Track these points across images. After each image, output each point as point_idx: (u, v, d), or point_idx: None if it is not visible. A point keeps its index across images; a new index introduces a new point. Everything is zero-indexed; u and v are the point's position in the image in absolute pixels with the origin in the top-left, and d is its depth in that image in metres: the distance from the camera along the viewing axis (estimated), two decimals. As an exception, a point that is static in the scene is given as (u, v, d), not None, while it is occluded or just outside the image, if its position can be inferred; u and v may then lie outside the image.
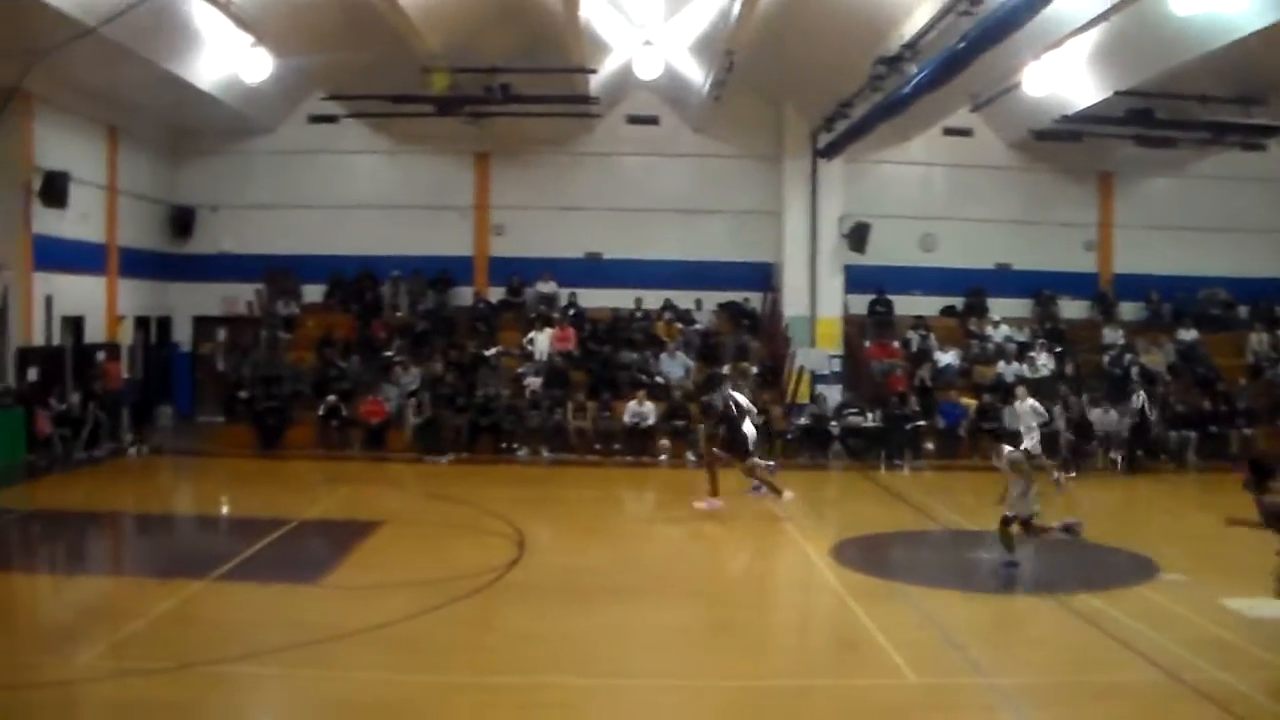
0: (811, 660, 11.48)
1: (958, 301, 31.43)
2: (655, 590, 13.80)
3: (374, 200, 31.12)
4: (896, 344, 29.40)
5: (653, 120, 31.33)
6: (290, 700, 9.81)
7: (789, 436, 25.61)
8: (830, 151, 28.37)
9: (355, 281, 31.02)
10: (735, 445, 19.07)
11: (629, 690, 10.17)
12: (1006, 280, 31.50)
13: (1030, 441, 20.49)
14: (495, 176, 31.67)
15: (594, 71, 25.60)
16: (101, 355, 26.91)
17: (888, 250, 30.01)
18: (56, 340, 25.49)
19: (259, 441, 25.85)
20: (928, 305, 31.08)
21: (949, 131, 30.64)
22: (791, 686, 10.18)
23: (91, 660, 10.32)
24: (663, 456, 24.80)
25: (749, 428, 19.06)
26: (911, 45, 20.43)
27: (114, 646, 10.79)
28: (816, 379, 28.22)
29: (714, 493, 18.99)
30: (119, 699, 9.49)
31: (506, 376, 27.43)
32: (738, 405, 19.24)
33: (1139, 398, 25.21)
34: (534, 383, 26.85)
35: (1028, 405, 21.26)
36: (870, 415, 26.16)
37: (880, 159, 30.67)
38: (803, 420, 26.06)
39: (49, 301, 24.99)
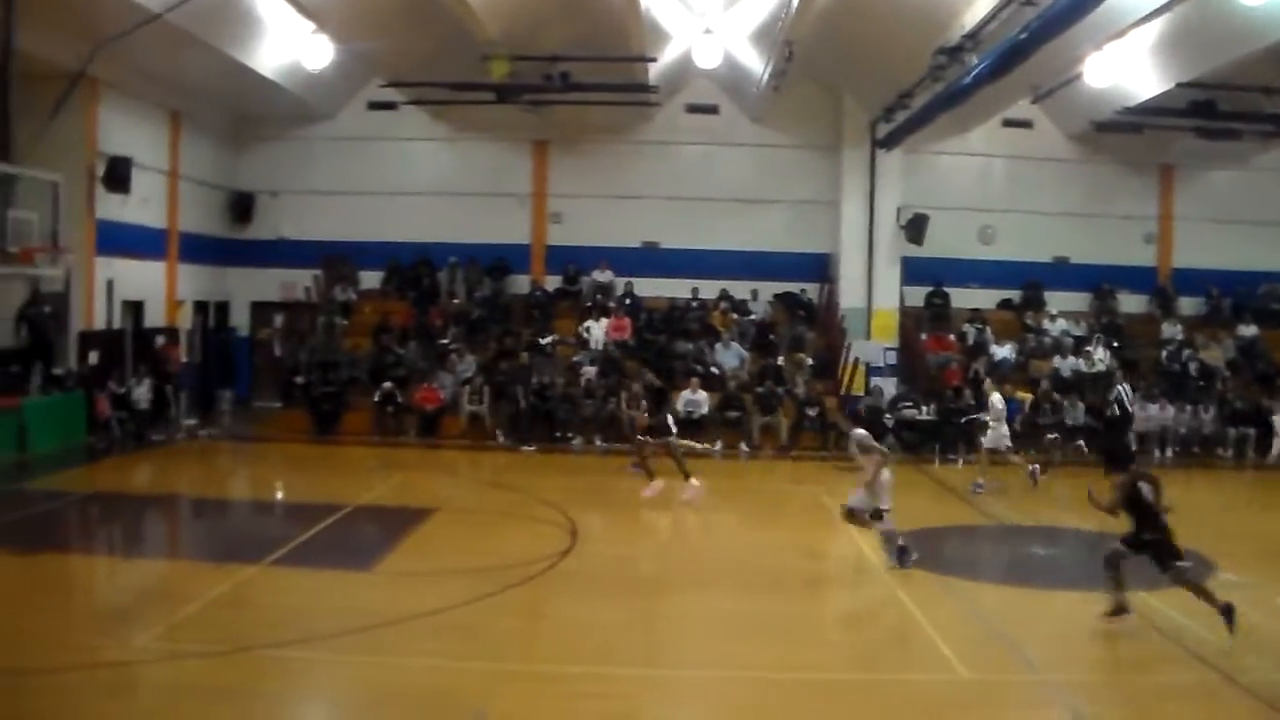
0: (863, 654, 11.40)
1: (1015, 295, 31.09)
2: (707, 581, 13.77)
3: (432, 187, 31.20)
4: (952, 337, 29.15)
5: (712, 109, 31.23)
6: (342, 685, 9.87)
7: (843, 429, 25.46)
8: (889, 142, 28.15)
9: (412, 268, 31.13)
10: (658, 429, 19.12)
11: (680, 681, 10.16)
12: (1065, 274, 31.12)
13: (996, 435, 20.49)
14: (553, 164, 31.69)
15: (653, 60, 25.53)
16: (161, 339, 27.18)
17: (945, 242, 29.79)
18: (117, 324, 25.79)
19: (315, 427, 26.00)
20: (985, 298, 30.74)
21: (1009, 123, 30.31)
22: (842, 680, 10.13)
23: (148, 642, 10.42)
24: (716, 446, 24.69)
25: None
26: (972, 35, 20.20)
27: (170, 629, 10.88)
28: (871, 371, 28.02)
29: (651, 476, 18.94)
30: (174, 681, 9.57)
31: (561, 365, 27.45)
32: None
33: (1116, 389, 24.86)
34: (589, 372, 26.85)
35: (995, 398, 21.08)
36: (925, 408, 25.95)
37: (939, 150, 30.37)
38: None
39: (110, 285, 25.29)
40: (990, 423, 20.76)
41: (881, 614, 12.77)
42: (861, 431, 14.73)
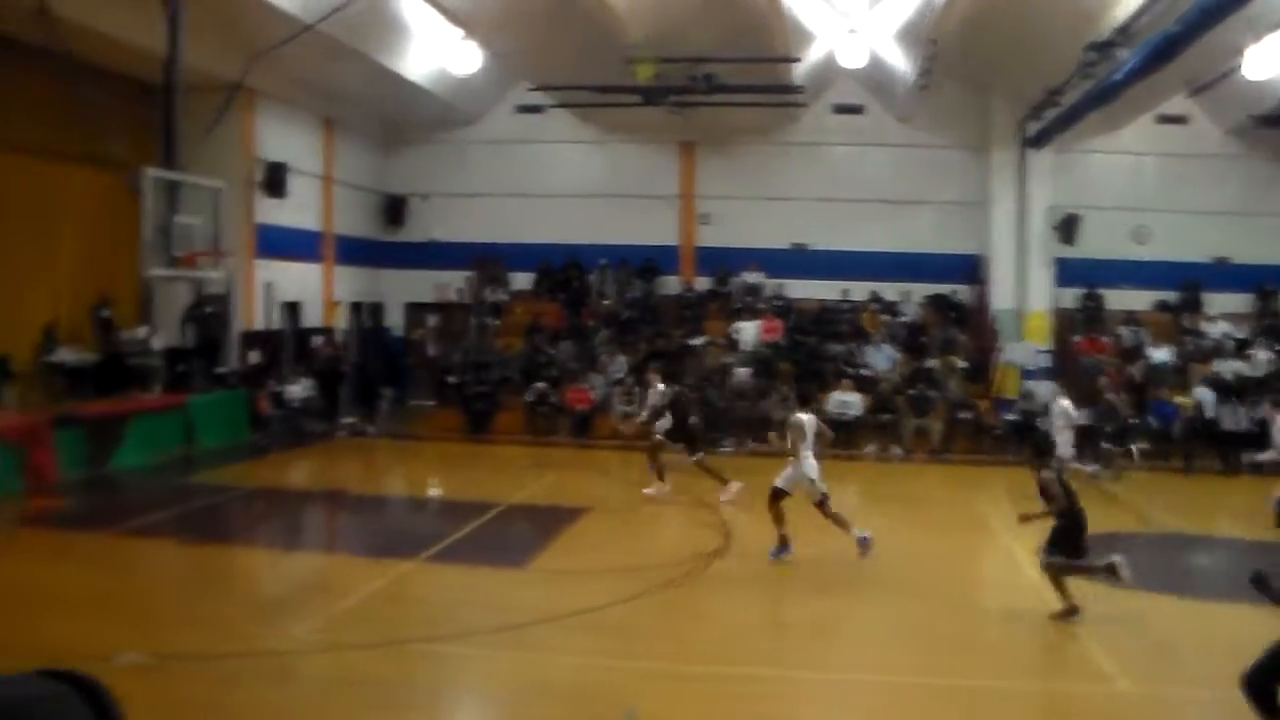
0: (1016, 661, 11.14)
1: (1172, 296, 30.05)
2: (858, 583, 13.60)
3: (580, 189, 31.41)
4: (1107, 339, 28.41)
5: (858, 109, 30.90)
6: (494, 680, 9.94)
7: (996, 432, 25.01)
8: (1039, 141, 27.61)
9: (562, 270, 31.37)
10: (682, 435, 19.05)
11: (828, 684, 10.04)
12: (1225, 274, 29.89)
13: (1061, 442, 19.45)
14: (701, 166, 31.68)
15: (798, 60, 25.39)
16: (318, 340, 27.80)
17: (1098, 242, 28.97)
18: (276, 324, 26.46)
19: (468, 426, 26.33)
20: (1140, 299, 29.70)
21: (1163, 119, 29.29)
22: (995, 687, 9.89)
23: (307, 633, 10.62)
24: (869, 449, 24.42)
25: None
26: (1124, 29, 19.70)
27: (328, 621, 11.08)
28: (1024, 374, 27.49)
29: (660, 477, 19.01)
30: (331, 672, 9.74)
31: (712, 367, 27.42)
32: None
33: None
34: (740, 373, 26.79)
35: (1062, 404, 20.39)
36: (1079, 413, 25.31)
37: (1090, 148, 29.50)
38: (1009, 416, 25.40)
39: (269, 287, 25.95)
40: (1055, 431, 20.06)
41: (1035, 621, 12.42)
42: (797, 416, 14.63)
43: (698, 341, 28.05)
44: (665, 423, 19.27)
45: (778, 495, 14.21)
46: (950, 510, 18.93)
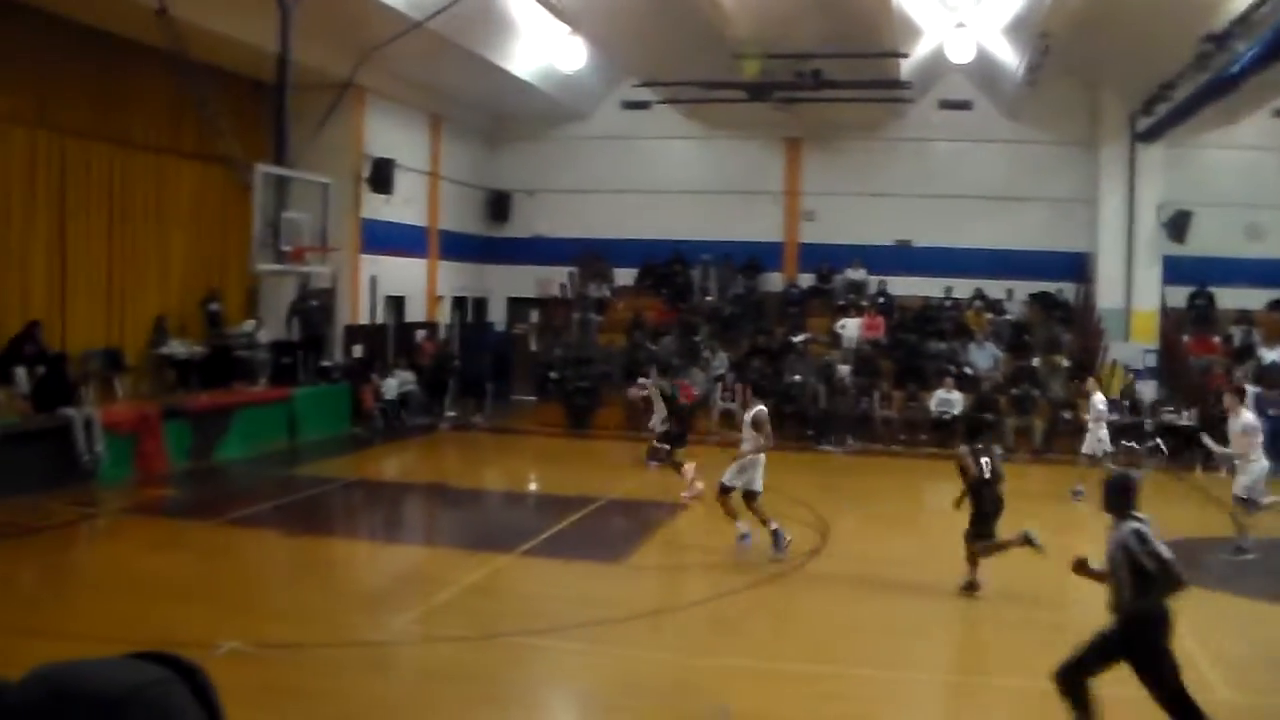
0: (1117, 667, 10.98)
1: (1287, 295, 29.34)
2: (956, 585, 13.50)
3: (685, 185, 31.39)
4: (1217, 339, 27.75)
5: (965, 105, 30.50)
6: (587, 675, 9.99)
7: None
8: (1150, 136, 27.05)
9: (665, 265, 31.41)
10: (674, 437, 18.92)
11: (922, 685, 9.96)
12: (1344, 272, 29.22)
13: (1092, 439, 19.37)
14: (806, 162, 31.52)
15: (906, 56, 25.16)
16: (421, 334, 28.12)
17: (1210, 240, 28.15)
18: (380, 319, 26.81)
19: (568, 420, 26.48)
20: (1253, 298, 28.85)
21: (1280, 113, 28.70)
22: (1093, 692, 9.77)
23: (404, 625, 10.78)
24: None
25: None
26: (1242, 20, 19.24)
27: (425, 613, 11.23)
28: (1130, 374, 27.01)
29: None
30: (427, 664, 9.87)
31: (814, 363, 27.32)
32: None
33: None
34: (842, 370, 26.65)
35: (1096, 398, 19.91)
36: (1186, 413, 24.82)
37: (1204, 143, 28.64)
38: (1114, 417, 24.94)
39: (374, 282, 26.30)
40: (1089, 425, 19.74)
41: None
42: (763, 409, 14.95)
43: (799, 338, 27.92)
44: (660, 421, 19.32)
45: (751, 496, 14.41)
46: (1051, 510, 18.66)
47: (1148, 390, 26.15)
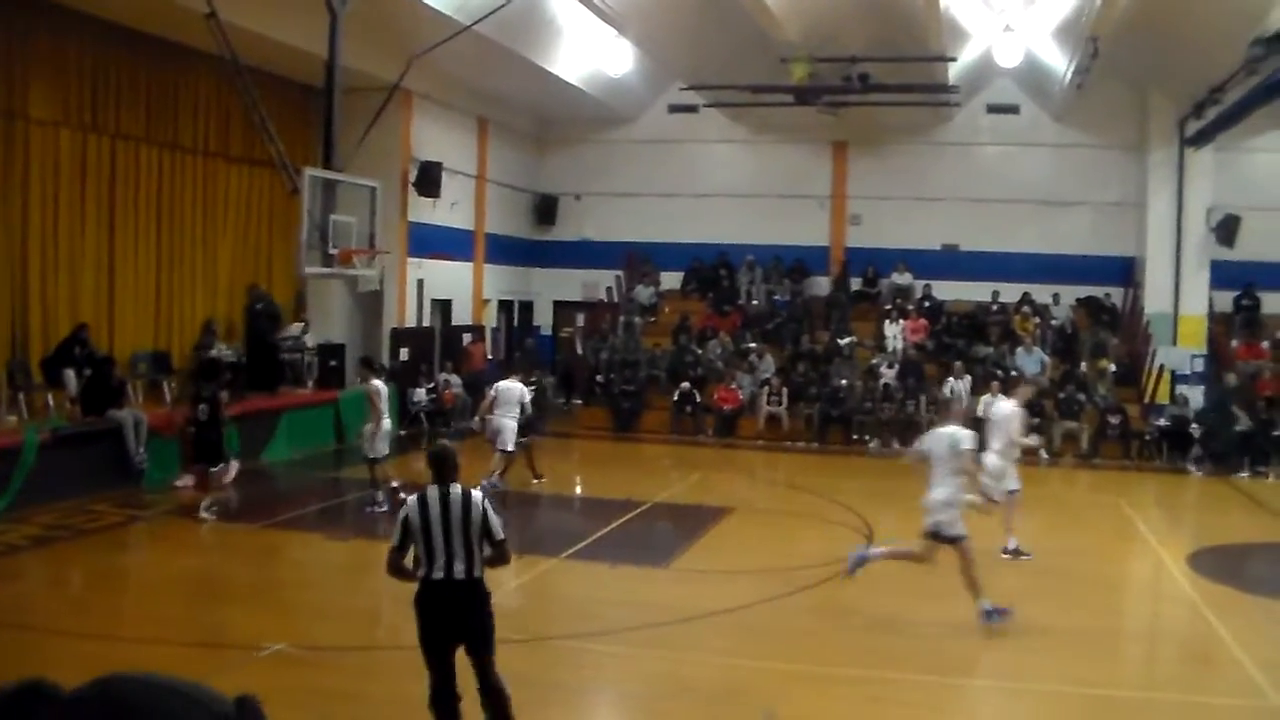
0: (1162, 672, 10.86)
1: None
2: (1002, 589, 13.29)
3: (731, 189, 31.35)
4: (1265, 344, 27.40)
5: (1013, 109, 30.24)
6: (634, 678, 9.98)
7: (1146, 437, 24.33)
8: (1199, 140, 26.67)
9: (712, 269, 31.35)
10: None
11: (968, 690, 9.91)
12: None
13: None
14: (852, 166, 31.38)
15: (953, 60, 25.00)
16: (468, 337, 28.16)
17: (1259, 244, 27.49)
18: (426, 321, 26.87)
19: (614, 424, 26.46)
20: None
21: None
22: (1139, 698, 9.64)
23: (449, 628, 10.74)
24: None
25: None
26: (1294, 23, 19.05)
27: (470, 616, 11.19)
28: (1177, 379, 26.59)
29: None
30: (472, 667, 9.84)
31: (859, 367, 27.19)
32: None
33: None
34: (887, 374, 26.51)
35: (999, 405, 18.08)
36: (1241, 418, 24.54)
37: (1254, 147, 28.12)
38: (1161, 421, 24.65)
39: (420, 285, 26.38)
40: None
41: (1182, 631, 12.07)
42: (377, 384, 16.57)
43: (844, 342, 27.79)
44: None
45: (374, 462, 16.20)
46: (1097, 515, 18.51)
47: (1195, 395, 25.87)
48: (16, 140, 18.45)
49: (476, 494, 7.63)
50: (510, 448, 18.17)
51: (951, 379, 24.96)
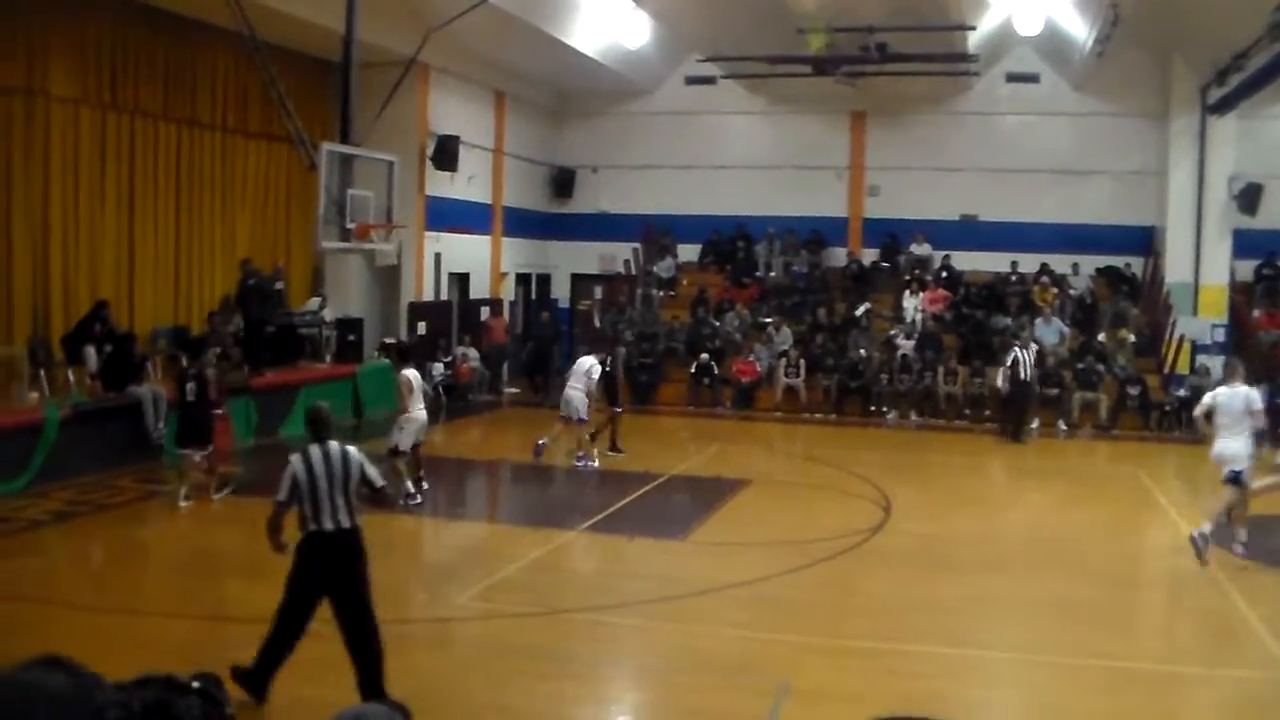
0: (1182, 645, 10.85)
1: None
2: (1021, 561, 13.41)
3: (749, 161, 31.26)
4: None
5: (1032, 78, 29.88)
6: (649, 650, 10.04)
7: (1166, 408, 24.24)
8: (1221, 107, 26.44)
9: (729, 241, 31.33)
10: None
11: (986, 662, 9.89)
12: None
13: None
14: (871, 136, 31.23)
15: (973, 28, 24.85)
16: (486, 311, 28.22)
17: (1280, 212, 27.80)
18: (444, 295, 26.94)
19: (632, 396, 26.41)
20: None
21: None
22: (1159, 671, 9.64)
23: (467, 601, 10.86)
24: (1034, 425, 23.89)
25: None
26: (1320, -13, 18.90)
27: (487, 589, 11.30)
28: (1197, 349, 26.42)
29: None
30: (489, 639, 9.93)
31: (877, 339, 27.16)
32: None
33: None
34: (905, 346, 26.48)
35: None
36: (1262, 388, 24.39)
37: (1277, 114, 27.80)
38: (1181, 392, 24.51)
39: (438, 259, 26.43)
40: None
41: (1201, 604, 12.04)
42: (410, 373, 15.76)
43: (861, 312, 27.75)
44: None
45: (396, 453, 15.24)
46: (1116, 486, 18.50)
47: (1215, 366, 25.73)
48: (37, 118, 18.55)
49: (352, 449, 8.27)
50: (584, 415, 18.66)
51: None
